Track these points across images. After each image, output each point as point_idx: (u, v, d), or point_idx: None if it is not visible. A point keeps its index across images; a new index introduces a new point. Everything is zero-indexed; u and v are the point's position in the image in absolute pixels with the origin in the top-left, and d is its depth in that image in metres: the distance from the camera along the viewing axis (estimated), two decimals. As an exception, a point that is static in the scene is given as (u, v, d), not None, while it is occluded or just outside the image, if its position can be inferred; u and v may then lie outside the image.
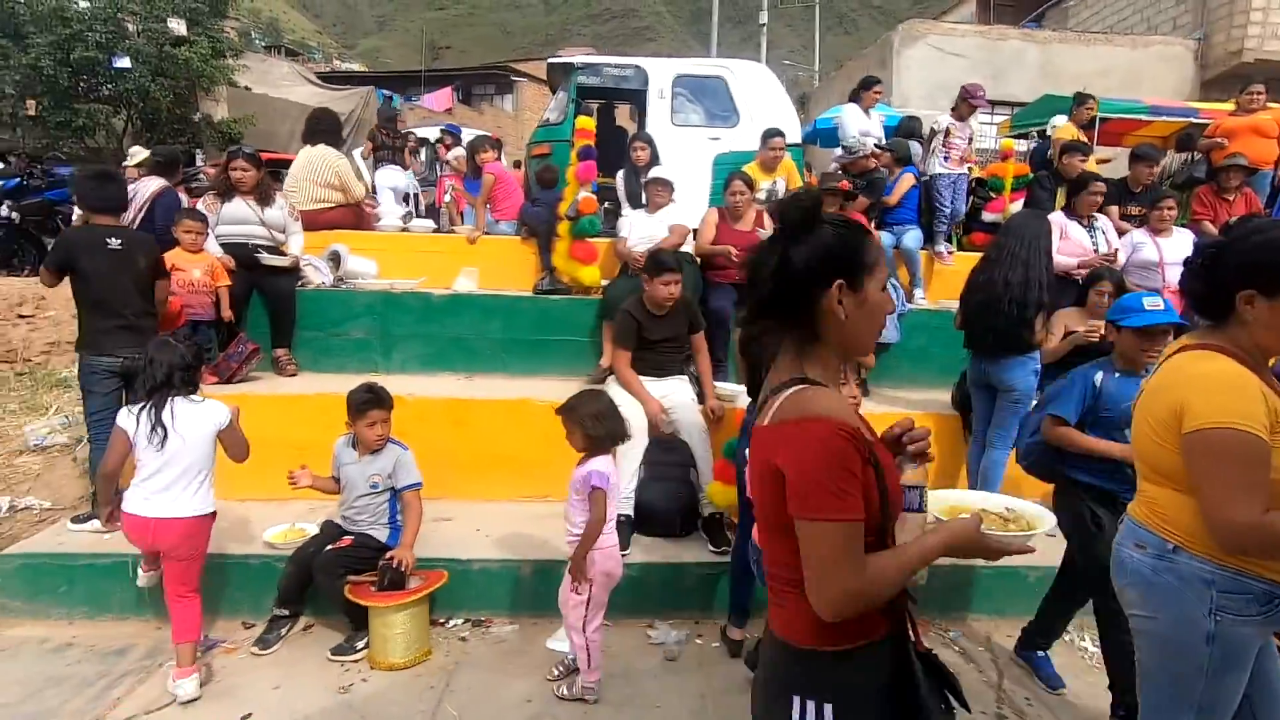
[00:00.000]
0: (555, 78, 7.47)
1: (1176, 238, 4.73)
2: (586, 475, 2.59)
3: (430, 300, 4.73)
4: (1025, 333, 3.44)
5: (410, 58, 50.06)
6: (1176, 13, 14.41)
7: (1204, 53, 13.62)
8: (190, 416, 2.64)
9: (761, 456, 1.16)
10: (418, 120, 18.69)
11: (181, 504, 2.61)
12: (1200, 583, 1.53)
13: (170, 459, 2.59)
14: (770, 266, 1.18)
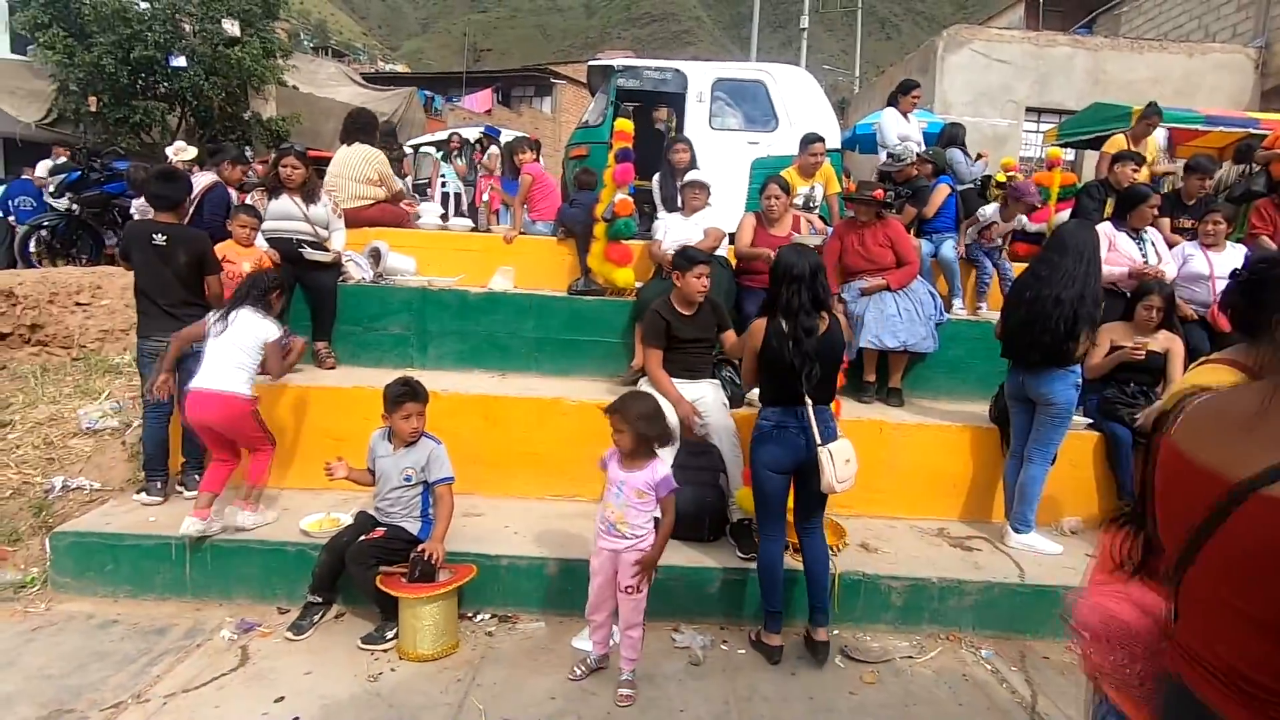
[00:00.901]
0: (594, 80, 7.52)
1: (1229, 252, 4.59)
2: (664, 479, 2.66)
3: (466, 298, 4.80)
4: (1071, 346, 3.35)
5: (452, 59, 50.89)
6: (1236, 19, 13.90)
7: (1264, 61, 13.11)
8: (247, 322, 3.36)
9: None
10: (458, 121, 19.00)
11: (221, 380, 3.27)
12: None
13: (221, 345, 3.31)
14: None
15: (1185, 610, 1.03)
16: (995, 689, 2.91)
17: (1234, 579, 0.93)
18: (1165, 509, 1.08)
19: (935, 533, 3.84)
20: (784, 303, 2.79)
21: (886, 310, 4.39)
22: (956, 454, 4.05)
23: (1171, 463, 1.07)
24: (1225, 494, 0.93)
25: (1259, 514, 0.89)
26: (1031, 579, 3.37)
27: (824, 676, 2.91)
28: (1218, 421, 1.02)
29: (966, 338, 4.73)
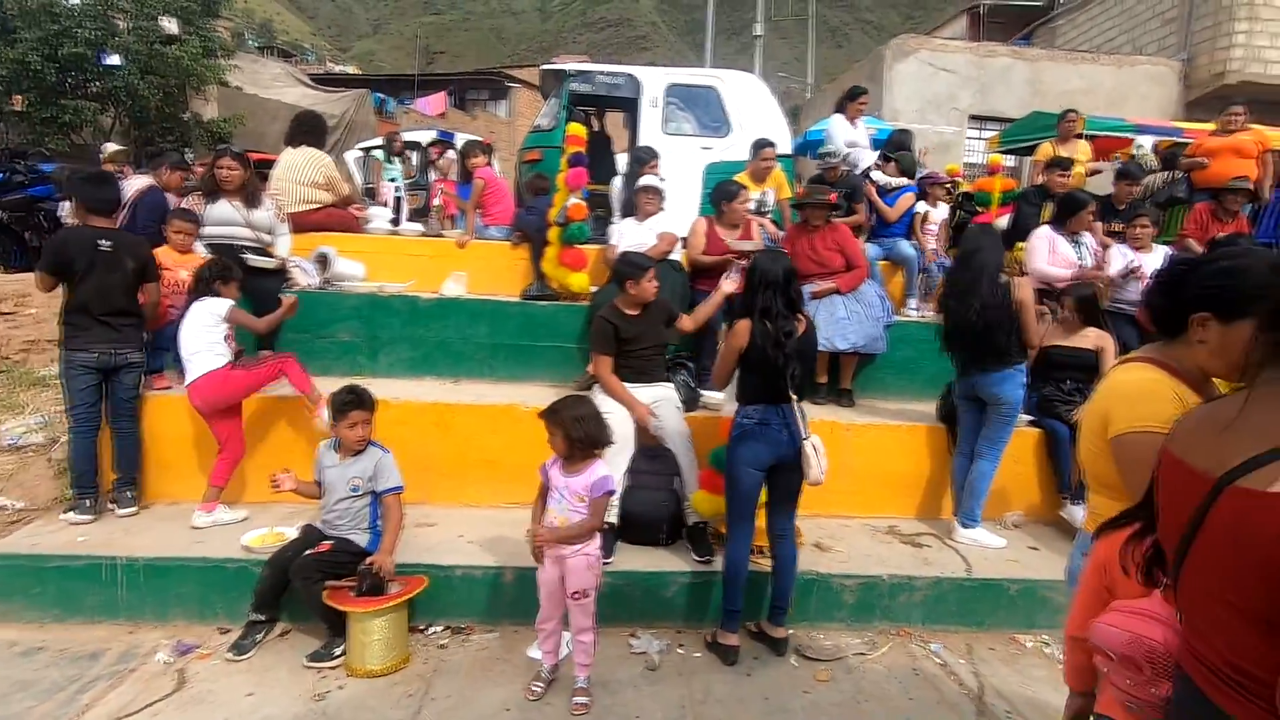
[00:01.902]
0: (547, 84, 7.49)
1: (1156, 254, 4.83)
2: (599, 480, 2.64)
3: (418, 304, 4.71)
4: (1004, 342, 3.55)
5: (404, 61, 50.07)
6: (1162, 34, 14.65)
7: (1188, 74, 13.83)
8: (196, 312, 3.54)
9: (1263, 528, 0.90)
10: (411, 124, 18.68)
11: (196, 367, 3.47)
12: None
13: (184, 340, 3.51)
14: None
15: (1185, 609, 1.07)
16: (944, 682, 2.98)
17: (1220, 572, 0.96)
18: (1166, 513, 1.13)
19: (886, 530, 3.92)
20: (764, 306, 2.88)
21: (837, 313, 4.47)
22: (907, 453, 4.15)
23: (1168, 469, 1.12)
24: (1207, 491, 0.97)
25: (1233, 506, 0.94)
26: (978, 573, 3.46)
27: (778, 676, 2.94)
28: (1205, 425, 1.07)
29: (915, 339, 4.84)
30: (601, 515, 2.69)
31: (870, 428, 4.17)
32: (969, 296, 3.60)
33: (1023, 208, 5.87)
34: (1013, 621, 3.41)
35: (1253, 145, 5.97)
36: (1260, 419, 0.97)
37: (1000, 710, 2.79)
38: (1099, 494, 1.68)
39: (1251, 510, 0.91)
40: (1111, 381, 1.64)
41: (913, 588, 3.38)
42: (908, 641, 3.29)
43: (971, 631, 3.38)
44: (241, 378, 3.57)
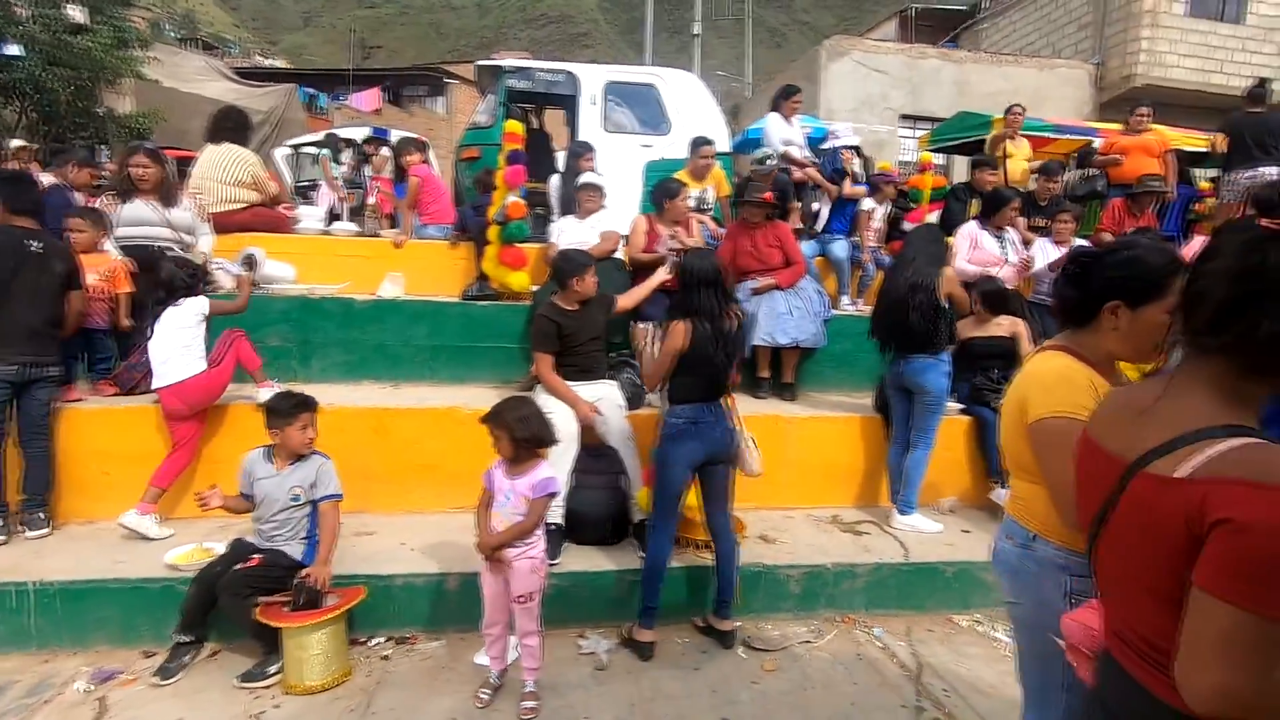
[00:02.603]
0: (484, 80, 7.36)
1: (1075, 248, 5.08)
2: (544, 481, 2.61)
3: (353, 306, 4.56)
4: (933, 333, 3.69)
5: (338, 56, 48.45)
6: (1077, 39, 15.45)
7: (1101, 77, 14.65)
8: (174, 317, 3.51)
9: (1167, 511, 0.95)
10: (345, 120, 18.10)
11: (178, 370, 3.42)
12: (1056, 568, 1.60)
13: (161, 342, 3.47)
14: (1248, 270, 0.96)
15: (1102, 587, 1.12)
16: (886, 665, 3.07)
17: (1130, 553, 1.02)
18: (1083, 496, 1.18)
19: (829, 520, 4.01)
20: (701, 306, 2.89)
21: (777, 309, 4.55)
22: (846, 443, 4.25)
23: (1086, 452, 1.17)
24: (1120, 474, 1.03)
25: (1141, 490, 0.99)
26: (915, 558, 3.58)
27: (726, 669, 2.97)
28: (1122, 411, 1.12)
29: (852, 333, 4.95)
30: (540, 516, 2.64)
31: (811, 420, 4.26)
32: (899, 288, 3.74)
33: (951, 204, 6.10)
34: (949, 603, 3.54)
35: (1157, 144, 6.35)
36: (1171, 406, 1.02)
37: (937, 689, 2.89)
38: (1020, 478, 1.75)
39: (1157, 493, 0.96)
40: (1029, 370, 1.71)
41: (855, 575, 3.47)
42: (851, 627, 3.38)
43: (911, 614, 3.49)
44: (218, 375, 3.53)
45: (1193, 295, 1.03)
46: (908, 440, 3.90)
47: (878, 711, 2.74)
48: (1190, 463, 0.93)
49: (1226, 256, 0.98)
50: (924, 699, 2.82)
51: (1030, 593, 1.66)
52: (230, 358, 3.61)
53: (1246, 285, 0.95)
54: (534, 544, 2.65)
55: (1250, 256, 0.95)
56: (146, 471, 3.41)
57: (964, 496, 4.28)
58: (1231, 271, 0.97)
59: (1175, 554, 0.93)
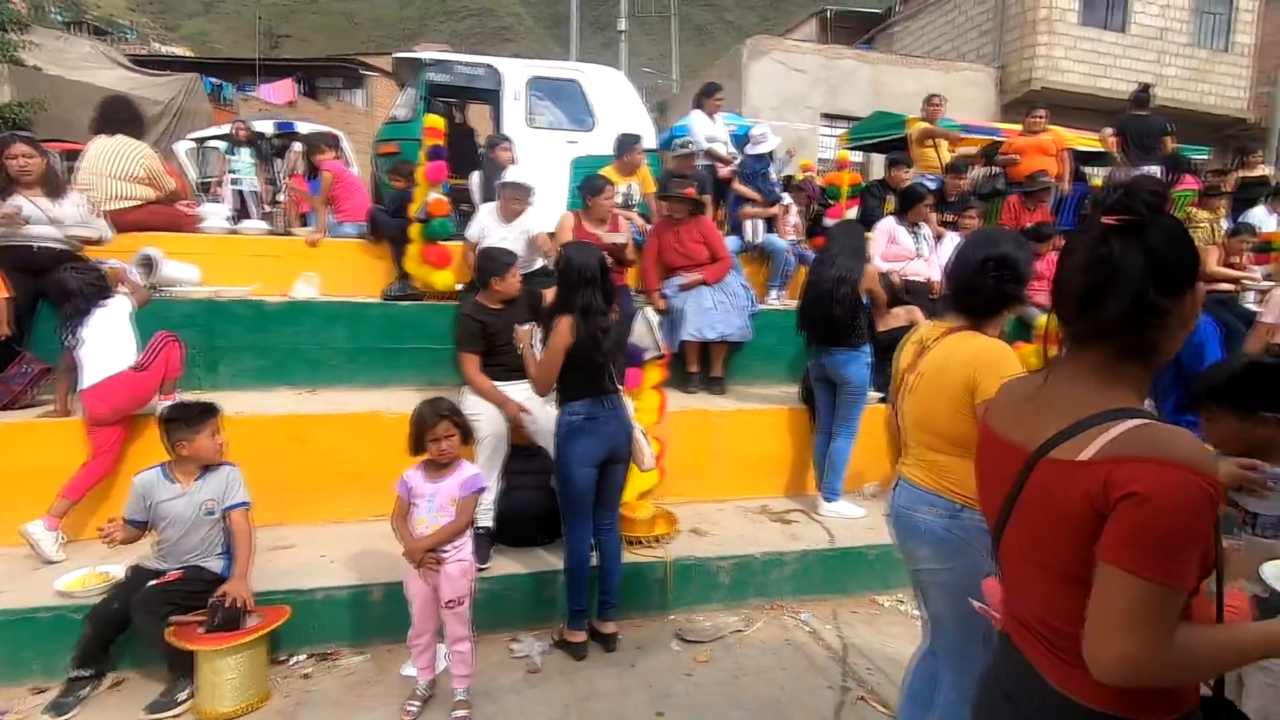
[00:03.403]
0: (402, 73, 7.13)
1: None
2: (473, 477, 2.59)
3: (263, 308, 4.34)
4: (854, 325, 3.83)
5: (243, 45, 45.84)
6: (980, 44, 16.31)
7: (1002, 80, 15.51)
8: (102, 320, 3.36)
9: (1071, 493, 0.99)
10: (253, 112, 17.18)
11: (111, 364, 3.28)
12: (981, 534, 1.74)
13: (95, 345, 3.30)
14: (1129, 266, 1.01)
15: (1004, 572, 1.18)
16: (813, 648, 3.16)
17: (1034, 538, 1.06)
18: (985, 484, 1.23)
19: (759, 510, 4.10)
20: (585, 303, 2.83)
21: (704, 304, 4.60)
22: (774, 434, 4.35)
23: (986, 442, 1.22)
24: (1023, 462, 1.07)
25: (1045, 476, 1.04)
26: (840, 543, 3.70)
27: (661, 663, 3.00)
28: (1018, 400, 1.17)
29: (778, 326, 5.08)
30: (471, 514, 2.62)
31: (740, 413, 4.34)
32: (823, 282, 3.85)
33: (868, 200, 6.33)
34: (872, 584, 3.68)
35: (1053, 144, 6.78)
36: (1064, 395, 1.07)
37: (861, 668, 3.00)
38: (946, 452, 1.86)
39: (1061, 477, 1.00)
40: (960, 350, 1.85)
41: (783, 562, 3.56)
42: (781, 614, 3.46)
43: (837, 598, 3.61)
44: (146, 380, 3.37)
45: (1058, 291, 1.10)
46: (832, 430, 4.03)
47: (806, 694, 2.82)
48: (1092, 446, 0.98)
49: (1078, 252, 1.06)
50: (849, 679, 2.93)
51: (959, 558, 1.81)
52: (160, 362, 3.42)
53: (1096, 275, 1.03)
54: (463, 546, 2.62)
55: (1097, 249, 1.03)
56: (39, 489, 3.14)
57: (886, 482, 4.40)
58: (1082, 264, 1.05)
59: (1080, 533, 0.97)
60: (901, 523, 1.96)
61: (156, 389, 3.43)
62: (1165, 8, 15.36)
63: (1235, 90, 15.96)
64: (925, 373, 1.91)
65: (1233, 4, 15.85)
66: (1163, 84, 14.44)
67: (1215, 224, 6.46)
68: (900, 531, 1.98)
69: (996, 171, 7.06)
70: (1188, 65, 15.59)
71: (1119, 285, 1.01)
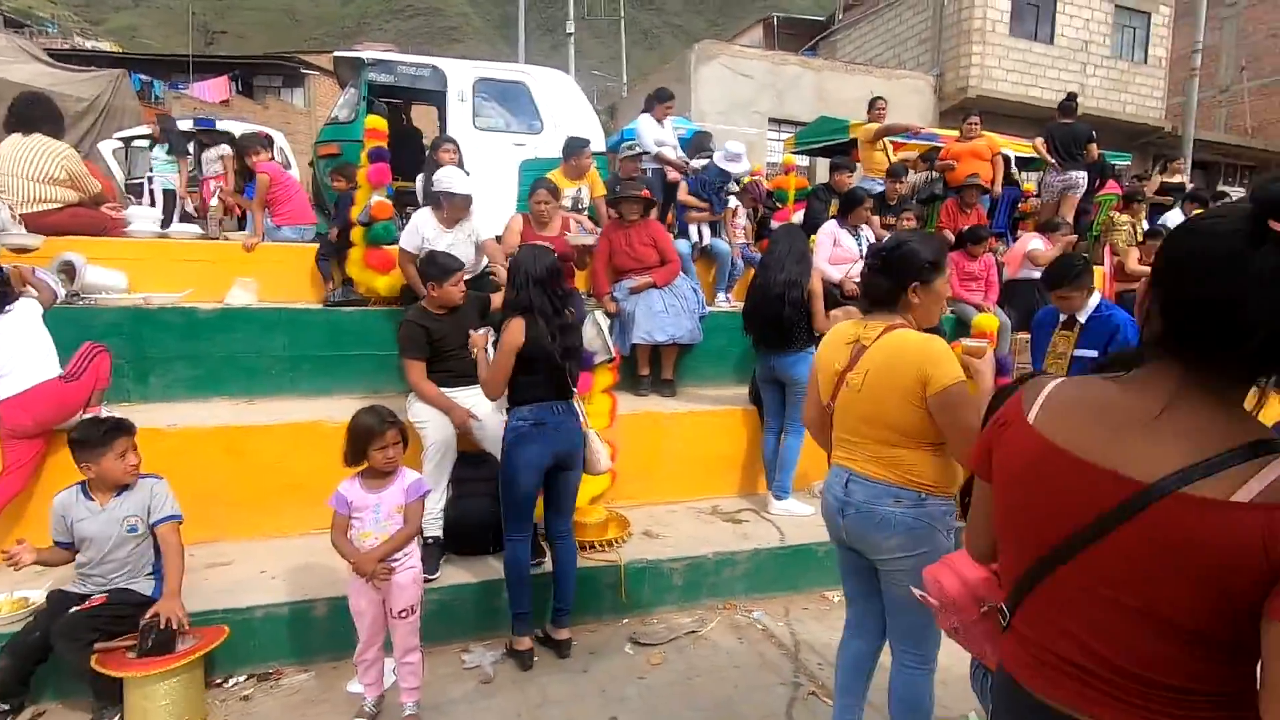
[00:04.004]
0: (343, 73, 6.96)
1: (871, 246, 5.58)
2: (417, 482, 2.56)
3: (196, 316, 4.16)
4: (801, 326, 3.89)
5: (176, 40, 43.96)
6: (919, 52, 16.87)
7: (940, 87, 16.07)
8: (15, 318, 3.16)
9: (1221, 538, 0.84)
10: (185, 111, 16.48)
11: (35, 373, 3.09)
12: (943, 517, 1.97)
13: (10, 349, 3.09)
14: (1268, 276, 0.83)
15: (1044, 608, 1.02)
16: (765, 646, 3.21)
17: (1132, 577, 0.91)
18: (1030, 503, 1.04)
19: (710, 511, 4.13)
20: (538, 305, 2.81)
21: (655, 307, 4.62)
22: (725, 435, 4.40)
23: (1043, 455, 1.02)
24: (1133, 493, 0.90)
25: (1176, 513, 0.87)
26: (790, 541, 3.76)
27: (614, 667, 2.99)
28: (1099, 416, 0.99)
29: (727, 328, 5.14)
30: (420, 519, 2.59)
31: (691, 415, 4.37)
32: (772, 285, 3.92)
33: (813, 204, 6.47)
34: (822, 580, 3.74)
35: (987, 150, 7.06)
36: (1184, 420, 0.91)
37: (813, 663, 3.06)
38: (905, 446, 1.94)
39: (1203, 520, 0.85)
40: (905, 347, 1.93)
41: (735, 562, 3.60)
42: (733, 613, 3.50)
43: (788, 595, 3.67)
44: (74, 392, 3.21)
45: (1190, 300, 0.91)
46: (780, 429, 4.10)
47: (758, 691, 2.85)
48: (1250, 486, 0.83)
49: (1243, 260, 0.85)
50: (801, 674, 2.98)
51: (927, 544, 1.93)
52: (90, 374, 3.27)
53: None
54: (412, 553, 2.59)
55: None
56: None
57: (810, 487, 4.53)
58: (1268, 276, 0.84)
59: (1223, 584, 0.84)
60: (864, 517, 2.01)
61: (85, 400, 3.26)
62: (1088, 21, 16.18)
63: (1152, 100, 16.92)
64: (871, 370, 1.97)
65: (1148, 19, 16.80)
66: (1087, 93, 15.21)
67: (1135, 226, 6.83)
68: (861, 526, 2.02)
69: (935, 176, 7.31)
70: (1109, 76, 16.45)
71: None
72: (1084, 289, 3.41)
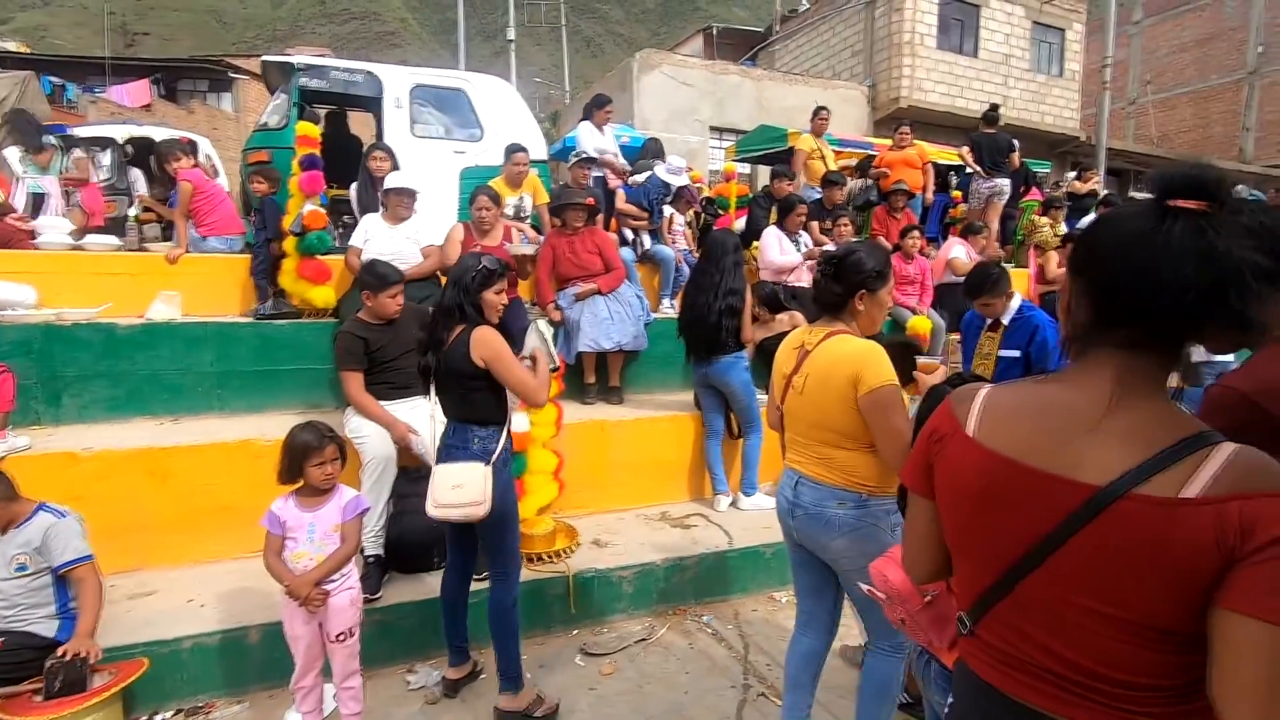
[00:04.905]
0: (272, 78, 6.71)
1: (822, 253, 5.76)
2: (355, 500, 2.49)
3: (115, 332, 3.93)
4: (728, 335, 3.98)
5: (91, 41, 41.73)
6: (852, 64, 17.41)
7: (873, 98, 16.62)
8: None
9: (1179, 535, 0.85)
10: (102, 116, 15.65)
11: None
12: (886, 516, 2.03)
13: None
14: (1245, 258, 0.84)
15: (1010, 617, 1.01)
16: (716, 650, 3.22)
17: (1095, 581, 0.91)
18: (984, 517, 1.03)
19: (659, 517, 4.14)
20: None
21: (600, 314, 4.62)
22: (672, 441, 4.41)
23: (990, 468, 1.01)
24: (1088, 498, 0.90)
25: (1133, 514, 0.87)
26: (738, 544, 3.80)
27: (565, 680, 2.95)
28: (1043, 421, 0.98)
29: (672, 334, 5.14)
30: (358, 538, 2.50)
31: (637, 421, 4.37)
32: (705, 291, 3.98)
33: (754, 211, 6.59)
34: (770, 581, 3.79)
35: (918, 158, 7.33)
36: (1124, 418, 0.93)
37: (762, 664, 3.09)
38: (845, 448, 2.01)
39: (1159, 518, 0.86)
40: (838, 352, 2.01)
41: (684, 567, 3.61)
42: (684, 619, 3.50)
43: (738, 597, 3.70)
44: None
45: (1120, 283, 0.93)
46: (719, 432, 4.19)
47: (709, 695, 2.86)
48: (1197, 480, 0.85)
49: (1163, 240, 0.89)
50: (750, 676, 3.00)
51: (873, 543, 1.98)
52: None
53: (1213, 270, 0.87)
54: (350, 574, 2.50)
55: (1199, 240, 0.87)
56: None
57: (777, 480, 4.61)
58: (1188, 254, 0.87)
59: (1186, 580, 0.84)
60: (812, 519, 2.08)
61: None
62: (1009, 36, 17.01)
63: (1068, 111, 17.89)
64: (811, 374, 2.05)
65: (1063, 35, 17.79)
66: (1009, 104, 15.98)
67: (1054, 230, 7.20)
68: (810, 528, 2.10)
69: (870, 184, 7.54)
70: (1029, 88, 17.32)
71: (1243, 282, 0.85)
72: (1003, 295, 3.57)
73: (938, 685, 1.58)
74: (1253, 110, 20.41)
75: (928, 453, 1.13)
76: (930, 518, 1.15)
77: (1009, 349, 3.55)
